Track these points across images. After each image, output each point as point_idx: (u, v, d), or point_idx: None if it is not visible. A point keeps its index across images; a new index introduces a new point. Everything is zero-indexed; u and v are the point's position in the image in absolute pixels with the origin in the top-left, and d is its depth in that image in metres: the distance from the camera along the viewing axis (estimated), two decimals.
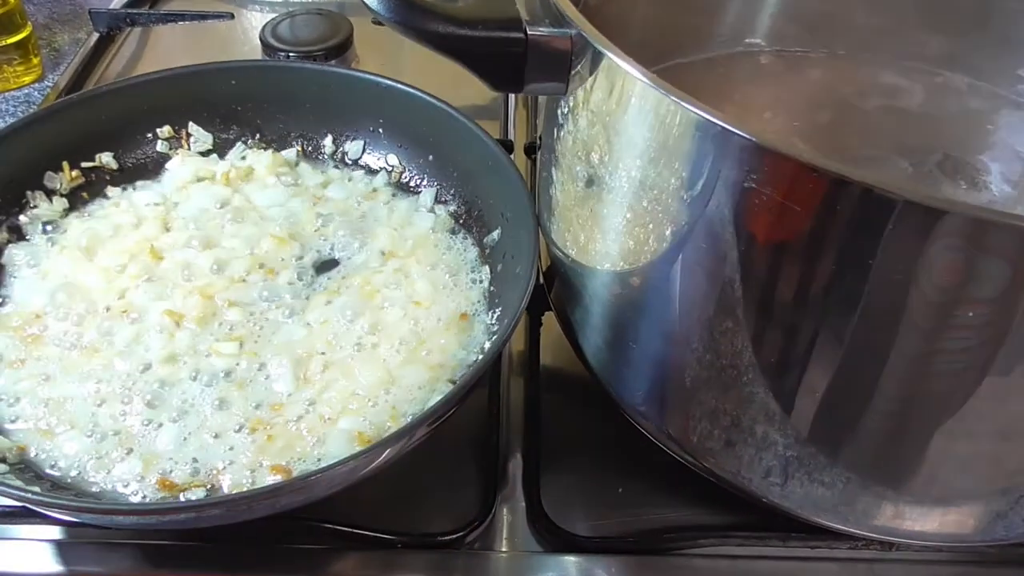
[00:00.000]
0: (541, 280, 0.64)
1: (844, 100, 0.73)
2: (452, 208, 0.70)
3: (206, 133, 0.73)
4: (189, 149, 0.73)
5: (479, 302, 0.63)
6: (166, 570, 0.55)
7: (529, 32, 0.45)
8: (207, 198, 0.69)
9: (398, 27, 0.45)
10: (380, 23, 0.49)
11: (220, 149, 0.74)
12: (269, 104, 0.73)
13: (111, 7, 1.04)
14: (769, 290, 0.43)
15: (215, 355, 0.58)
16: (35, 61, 0.95)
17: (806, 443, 0.50)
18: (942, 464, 0.49)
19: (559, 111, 0.52)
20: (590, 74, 0.44)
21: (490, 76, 0.47)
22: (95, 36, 1.00)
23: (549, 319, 0.67)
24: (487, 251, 0.66)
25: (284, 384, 0.57)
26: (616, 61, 0.41)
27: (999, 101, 0.73)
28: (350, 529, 0.55)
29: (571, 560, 0.57)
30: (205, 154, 0.73)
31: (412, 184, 0.72)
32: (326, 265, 0.66)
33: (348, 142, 0.74)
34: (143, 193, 0.70)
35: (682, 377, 0.50)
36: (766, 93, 0.74)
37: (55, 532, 0.57)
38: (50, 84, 0.95)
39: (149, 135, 0.73)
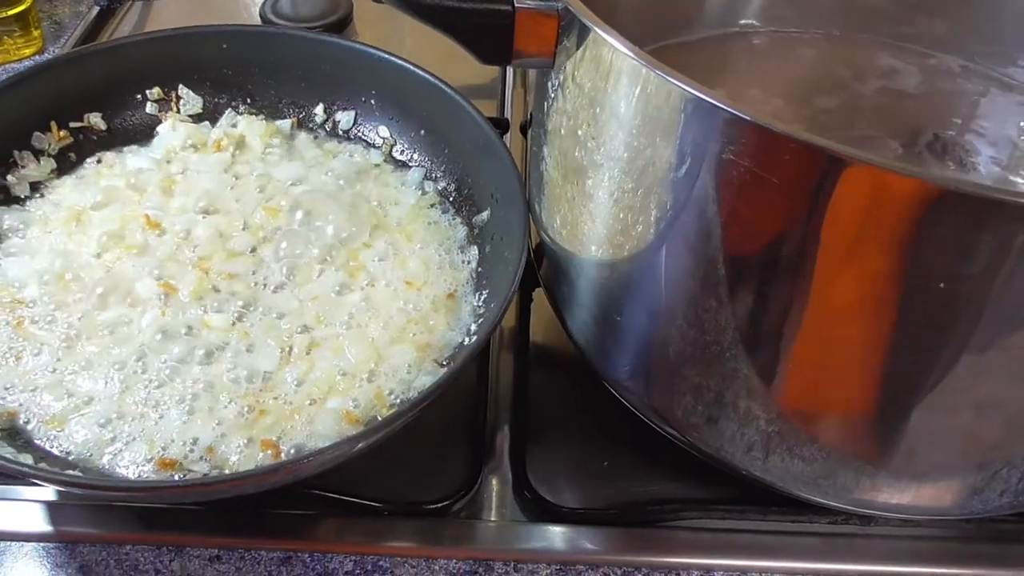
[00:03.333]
0: (531, 257, 0.65)
1: (838, 81, 0.73)
2: (442, 186, 0.70)
3: (196, 96, 0.73)
4: (179, 112, 0.72)
5: (467, 283, 0.63)
6: (155, 532, 0.56)
7: (517, 5, 0.45)
8: (202, 165, 0.68)
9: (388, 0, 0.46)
10: (380, 0, 0.49)
11: (210, 113, 0.73)
12: (261, 70, 0.73)
13: None
14: (750, 266, 0.44)
15: (207, 329, 0.58)
16: (35, 33, 0.96)
17: (787, 418, 0.50)
18: (919, 439, 0.49)
19: (548, 85, 0.52)
20: (577, 48, 0.45)
21: (478, 48, 0.47)
22: (96, 9, 1.00)
23: (540, 296, 0.68)
24: (476, 231, 0.66)
25: (273, 361, 0.57)
26: (600, 34, 0.42)
27: (990, 83, 0.74)
28: (338, 496, 0.56)
29: (556, 530, 0.58)
30: (196, 118, 0.73)
31: (403, 159, 0.72)
32: (317, 237, 0.65)
33: (340, 112, 0.73)
34: (135, 158, 0.69)
35: (666, 352, 0.51)
36: (760, 74, 0.74)
37: (48, 494, 0.58)
38: (50, 56, 0.96)
39: (139, 96, 0.72)
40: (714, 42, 0.76)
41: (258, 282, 0.62)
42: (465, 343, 0.59)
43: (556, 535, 0.57)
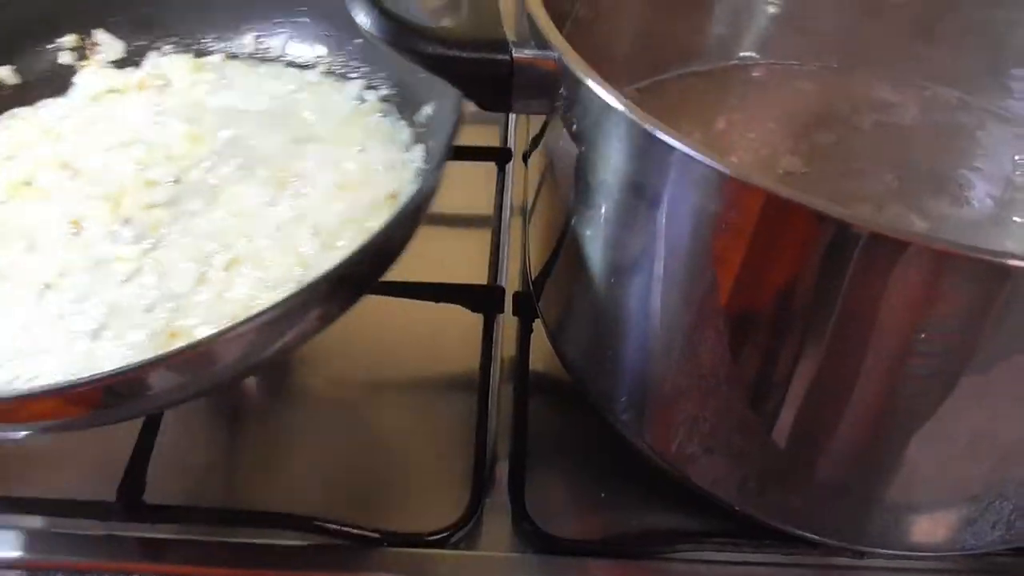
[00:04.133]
0: (530, 287, 0.66)
1: (835, 114, 0.74)
2: (384, 92, 0.67)
3: (116, 41, 0.69)
4: (97, 58, 0.69)
5: (411, 181, 0.61)
6: (142, 562, 0.57)
7: (515, 54, 0.46)
8: (124, 105, 0.66)
9: (388, 46, 0.47)
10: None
11: (132, 58, 0.69)
12: (183, 5, 0.69)
13: None
14: (740, 312, 0.45)
15: (117, 261, 0.56)
16: None
17: (781, 456, 0.51)
18: (912, 476, 0.50)
19: (547, 125, 0.54)
20: (571, 95, 0.46)
21: (478, 96, 0.48)
22: None
23: (539, 326, 0.69)
24: (420, 130, 0.64)
25: (188, 282, 0.55)
26: (593, 87, 0.43)
27: (987, 116, 0.74)
28: (335, 526, 0.56)
29: (554, 562, 0.58)
30: (117, 64, 0.69)
31: (344, 72, 0.69)
32: (245, 157, 0.63)
33: (270, 38, 0.70)
34: (51, 108, 0.66)
35: (660, 389, 0.52)
36: (758, 107, 0.75)
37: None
38: None
39: (49, 46, 0.68)
40: (714, 75, 0.78)
41: (178, 209, 0.59)
42: None
43: (553, 567, 0.58)
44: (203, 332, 0.51)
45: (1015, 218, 0.66)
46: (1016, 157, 0.71)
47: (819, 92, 0.77)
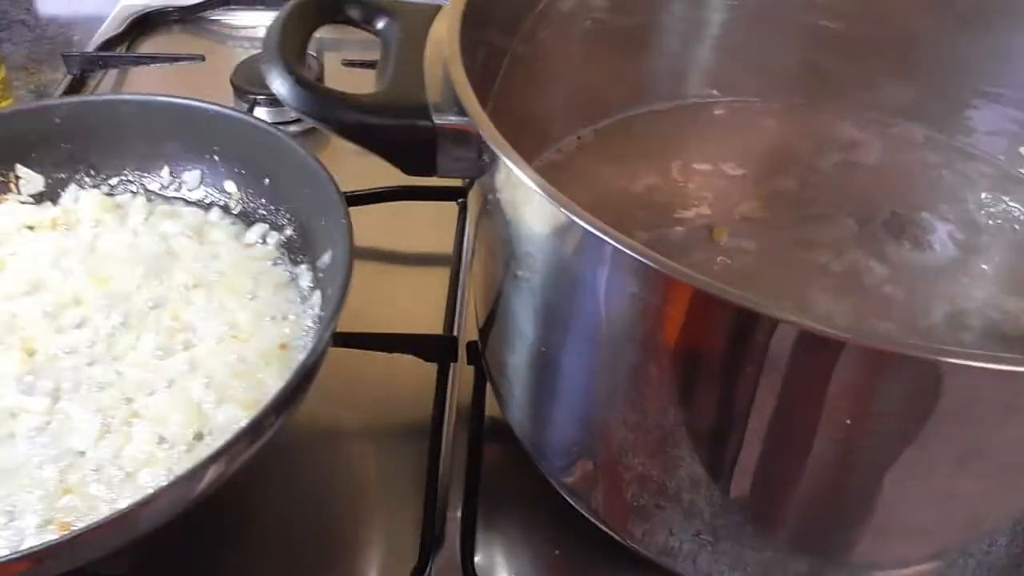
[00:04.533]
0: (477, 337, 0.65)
1: (797, 154, 0.73)
2: (288, 233, 0.68)
3: (36, 175, 0.70)
4: (19, 192, 0.70)
5: (308, 329, 0.61)
6: None
7: (436, 121, 0.45)
8: (34, 246, 0.67)
9: (306, 116, 0.46)
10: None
11: (53, 190, 0.71)
12: (100, 140, 0.71)
13: (85, 50, 1.06)
14: (669, 396, 0.43)
15: (25, 413, 0.56)
16: (4, 104, 0.95)
17: (728, 534, 0.49)
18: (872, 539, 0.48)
19: (476, 186, 0.52)
20: (493, 165, 0.44)
21: (402, 162, 0.47)
22: (68, 78, 1.01)
23: None
24: (320, 276, 0.64)
25: (89, 438, 0.54)
26: (503, 158, 0.41)
27: (953, 154, 0.73)
28: None
29: None
30: (37, 197, 0.71)
31: (250, 211, 0.71)
32: (141, 305, 0.63)
33: (185, 172, 0.72)
34: None
35: (598, 460, 0.50)
36: (718, 147, 0.73)
37: None
38: None
39: None
40: (674, 114, 0.76)
41: (83, 356, 0.59)
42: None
43: None
44: (92, 488, 0.52)
45: (981, 264, 0.64)
46: (983, 195, 0.69)
47: (782, 130, 0.75)
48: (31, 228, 0.69)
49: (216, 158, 0.71)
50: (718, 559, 0.51)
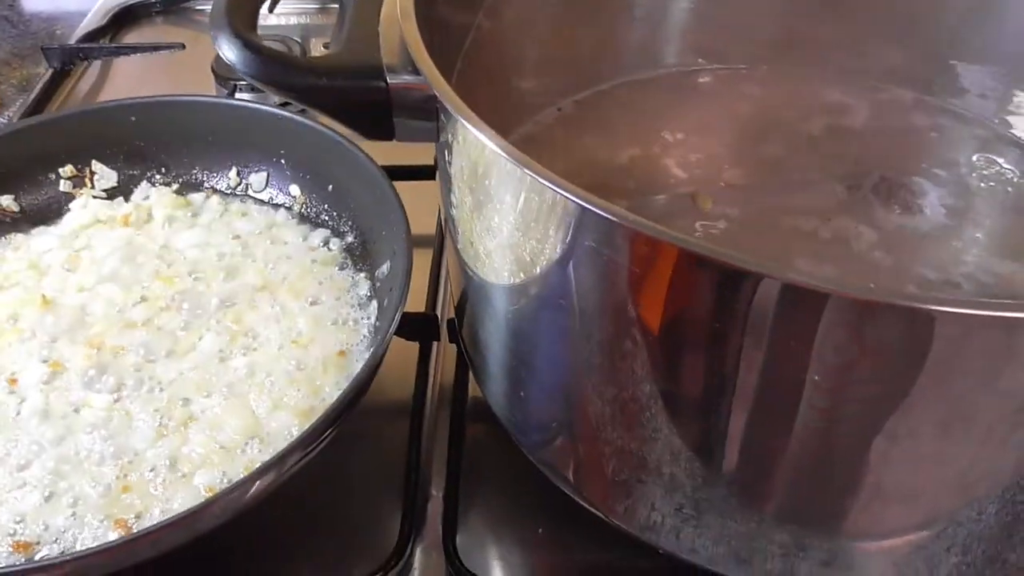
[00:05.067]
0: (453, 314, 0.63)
1: (784, 120, 0.71)
2: (348, 240, 0.69)
3: (110, 171, 0.73)
4: (93, 187, 0.73)
5: (365, 338, 0.61)
6: None
7: (390, 81, 0.43)
8: (106, 241, 0.68)
9: (258, 82, 0.44)
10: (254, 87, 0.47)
11: (126, 186, 0.73)
12: (172, 139, 0.73)
13: (67, 42, 1.05)
14: (645, 365, 0.41)
15: (88, 408, 0.57)
16: None
17: (711, 507, 0.48)
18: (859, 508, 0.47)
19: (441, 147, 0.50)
20: (451, 128, 0.43)
21: (358, 125, 0.45)
22: (50, 71, 1.00)
23: None
24: (377, 285, 0.64)
25: (147, 437, 0.55)
26: (458, 117, 0.39)
27: (944, 115, 0.71)
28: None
29: None
30: (110, 192, 0.73)
31: (313, 215, 0.72)
32: (206, 304, 0.64)
33: (252, 174, 0.74)
34: (42, 238, 0.69)
35: (575, 435, 0.49)
36: (703, 115, 0.71)
37: None
38: (4, 120, 0.96)
39: (51, 175, 0.72)
40: (659, 82, 0.74)
41: (146, 354, 0.60)
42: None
43: None
44: (150, 487, 0.53)
45: (971, 227, 0.62)
46: (974, 158, 0.67)
47: (768, 97, 0.73)
48: (103, 223, 0.71)
49: (283, 161, 0.73)
50: (701, 533, 0.49)
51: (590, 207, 0.36)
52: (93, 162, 0.73)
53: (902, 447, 0.42)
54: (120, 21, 1.12)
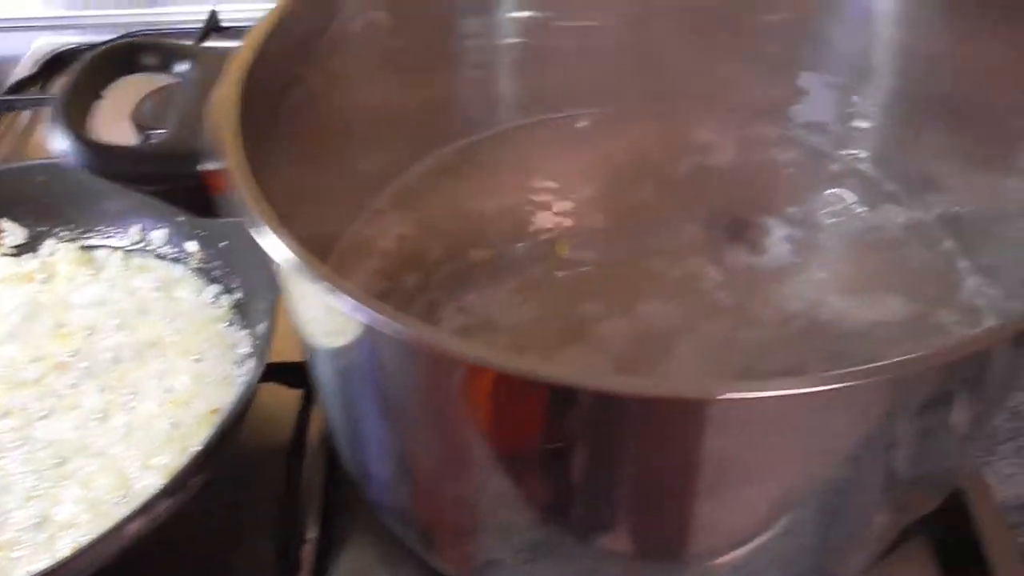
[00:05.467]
0: None
1: (652, 161, 0.73)
2: (237, 296, 0.71)
3: (20, 228, 0.75)
4: (3, 245, 0.75)
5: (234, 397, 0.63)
6: None
7: (202, 167, 0.46)
8: (11, 297, 0.70)
9: (89, 172, 0.47)
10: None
11: (33, 243, 0.76)
12: (80, 197, 0.75)
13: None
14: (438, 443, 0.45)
15: None
16: None
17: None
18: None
19: None
20: None
21: (185, 208, 0.48)
22: None
23: None
24: (256, 343, 0.66)
25: (19, 498, 0.57)
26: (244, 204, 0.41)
27: (803, 151, 0.73)
28: None
29: None
30: (18, 249, 0.75)
31: (207, 270, 0.74)
32: (100, 361, 0.66)
33: (154, 231, 0.76)
34: None
35: (403, 493, 0.52)
36: (569, 161, 0.73)
37: None
38: None
39: None
40: (534, 129, 0.76)
41: (32, 414, 0.62)
42: None
43: None
44: (13, 551, 0.54)
45: (813, 264, 0.65)
46: (826, 192, 0.70)
47: (639, 138, 0.75)
48: (8, 281, 0.72)
49: (182, 218, 0.74)
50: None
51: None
52: (3, 220, 0.75)
53: (703, 503, 0.45)
54: (50, 69, 1.14)
